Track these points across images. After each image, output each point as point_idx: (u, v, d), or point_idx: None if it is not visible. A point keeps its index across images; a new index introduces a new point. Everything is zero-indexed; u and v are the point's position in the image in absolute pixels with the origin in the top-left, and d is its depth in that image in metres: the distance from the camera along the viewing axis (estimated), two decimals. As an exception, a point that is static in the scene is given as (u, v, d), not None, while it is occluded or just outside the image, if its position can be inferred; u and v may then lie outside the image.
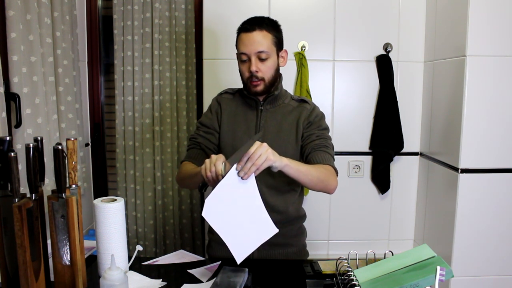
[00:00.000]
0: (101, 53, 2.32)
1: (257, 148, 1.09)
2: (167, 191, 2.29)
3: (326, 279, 1.18)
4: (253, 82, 1.40)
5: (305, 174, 1.24)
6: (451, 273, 0.93)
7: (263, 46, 1.36)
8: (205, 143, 1.49)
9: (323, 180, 1.31)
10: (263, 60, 1.37)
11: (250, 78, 1.40)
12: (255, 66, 1.37)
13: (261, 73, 1.39)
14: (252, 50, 1.36)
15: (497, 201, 1.82)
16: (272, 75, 1.41)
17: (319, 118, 1.47)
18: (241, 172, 1.10)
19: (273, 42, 1.39)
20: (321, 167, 1.34)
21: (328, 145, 1.43)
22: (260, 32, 1.36)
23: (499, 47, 1.75)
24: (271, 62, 1.40)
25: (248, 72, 1.39)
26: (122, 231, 1.19)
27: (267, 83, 1.41)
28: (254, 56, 1.37)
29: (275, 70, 1.42)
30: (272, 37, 1.39)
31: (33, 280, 0.99)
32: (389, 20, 2.14)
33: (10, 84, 1.49)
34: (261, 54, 1.36)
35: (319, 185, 1.31)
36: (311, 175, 1.27)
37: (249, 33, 1.37)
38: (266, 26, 1.38)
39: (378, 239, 2.28)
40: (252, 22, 1.38)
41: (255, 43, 1.36)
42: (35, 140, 1.07)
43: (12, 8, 1.45)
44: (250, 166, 1.09)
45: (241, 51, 1.39)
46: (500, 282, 1.88)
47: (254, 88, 1.41)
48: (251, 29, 1.36)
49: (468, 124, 1.78)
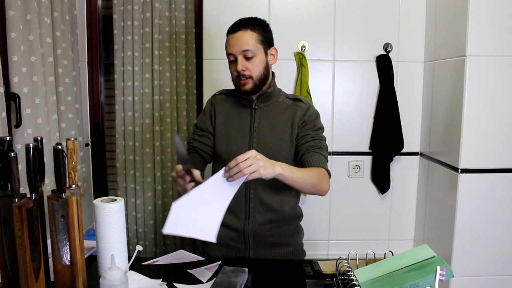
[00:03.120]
0: (101, 53, 2.32)
1: (249, 157, 1.12)
2: (167, 191, 2.29)
3: (326, 279, 1.18)
4: (241, 80, 1.41)
5: (298, 181, 1.27)
6: (451, 273, 0.93)
7: (248, 45, 1.38)
8: (201, 147, 1.50)
9: (315, 185, 1.33)
10: (249, 58, 1.39)
11: (238, 77, 1.41)
12: (241, 65, 1.39)
13: (248, 71, 1.40)
14: (237, 50, 1.39)
15: (497, 201, 1.82)
16: (261, 73, 1.42)
17: (313, 117, 1.47)
18: (226, 174, 1.13)
19: (258, 41, 1.41)
20: (314, 170, 1.35)
21: (322, 146, 1.44)
22: (244, 32, 1.39)
23: (499, 47, 1.75)
24: (258, 60, 1.41)
25: (236, 71, 1.41)
26: (122, 231, 1.19)
27: (255, 80, 1.42)
28: (240, 55, 1.39)
29: (263, 68, 1.43)
30: (258, 35, 1.41)
31: (33, 280, 0.99)
32: (389, 20, 2.14)
33: (10, 84, 1.49)
34: (246, 53, 1.39)
35: (312, 189, 1.34)
36: (305, 181, 1.29)
37: (234, 34, 1.40)
38: (252, 25, 1.41)
39: (378, 239, 2.28)
40: (237, 24, 1.42)
41: (239, 43, 1.38)
42: (35, 140, 1.07)
43: (12, 8, 1.45)
44: (237, 172, 1.11)
45: (228, 52, 1.42)
46: (500, 282, 1.88)
47: (243, 87, 1.42)
48: (236, 30, 1.40)
49: (468, 124, 1.78)
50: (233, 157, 1.42)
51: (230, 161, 1.13)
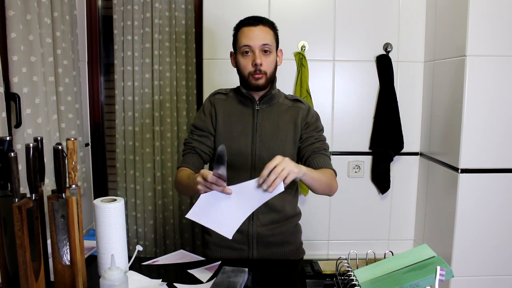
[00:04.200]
0: (101, 53, 2.32)
1: (278, 163, 1.12)
2: (167, 191, 2.29)
3: (326, 279, 1.18)
4: (255, 75, 1.40)
5: (317, 181, 1.29)
6: (451, 273, 0.93)
7: (267, 40, 1.39)
8: (200, 147, 1.47)
9: (329, 185, 1.36)
10: (266, 53, 1.40)
11: (253, 71, 1.40)
12: (259, 58, 1.38)
13: (264, 67, 1.40)
14: (257, 43, 1.38)
15: (497, 201, 1.82)
16: (272, 71, 1.44)
17: (315, 119, 1.49)
18: (265, 185, 1.12)
19: (274, 39, 1.43)
20: (326, 171, 1.38)
21: (326, 147, 1.47)
22: (264, 27, 1.40)
23: (499, 47, 1.75)
24: (273, 57, 1.43)
25: (252, 65, 1.40)
26: (122, 231, 1.19)
27: (268, 77, 1.42)
28: (259, 49, 1.39)
29: (274, 67, 1.44)
30: (274, 34, 1.43)
31: (33, 280, 0.99)
32: (389, 20, 2.14)
33: (10, 84, 1.49)
34: (265, 47, 1.39)
35: (326, 189, 1.37)
36: (322, 181, 1.32)
37: (253, 27, 1.40)
38: (268, 23, 1.43)
39: (378, 239, 2.28)
40: (255, 18, 1.42)
41: (260, 37, 1.39)
42: (35, 140, 1.07)
43: (12, 8, 1.45)
44: (275, 179, 1.11)
45: (244, 43, 1.40)
46: (500, 282, 1.88)
47: (256, 81, 1.41)
48: (255, 24, 1.40)
49: (468, 124, 1.78)
50: (235, 158, 1.43)
51: (262, 171, 1.12)
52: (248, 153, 1.44)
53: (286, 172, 1.12)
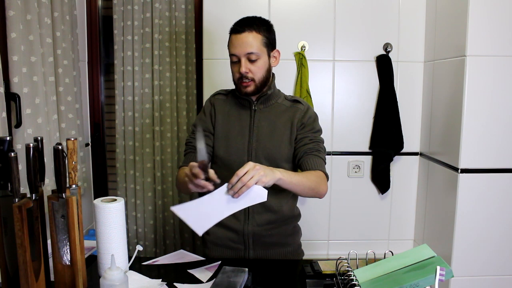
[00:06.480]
0: (101, 53, 2.32)
1: (248, 170, 1.12)
2: (167, 191, 2.29)
3: (326, 279, 1.18)
4: (243, 83, 1.40)
5: (297, 185, 1.27)
6: (451, 273, 0.93)
7: (252, 48, 1.36)
8: None
9: (313, 188, 1.33)
10: (253, 61, 1.38)
11: (240, 79, 1.40)
12: (244, 67, 1.37)
13: (251, 74, 1.39)
14: (241, 52, 1.37)
15: (497, 201, 1.82)
16: (263, 76, 1.42)
17: (312, 120, 1.47)
18: (231, 191, 1.13)
19: (263, 43, 1.39)
20: (312, 174, 1.35)
21: (320, 149, 1.44)
22: (249, 34, 1.36)
23: (499, 47, 1.75)
24: (261, 62, 1.40)
25: (238, 73, 1.40)
26: (122, 231, 1.19)
27: (257, 83, 1.41)
28: (244, 58, 1.37)
29: (266, 70, 1.42)
30: (262, 38, 1.39)
31: (33, 280, 0.99)
32: (389, 20, 2.14)
33: (10, 84, 1.49)
34: (250, 56, 1.37)
35: (310, 193, 1.34)
36: (303, 185, 1.29)
37: (238, 34, 1.37)
38: (256, 27, 1.38)
39: (378, 239, 2.28)
40: (242, 23, 1.38)
41: (244, 45, 1.36)
42: (35, 140, 1.07)
43: (12, 8, 1.45)
44: (241, 187, 1.11)
45: (231, 52, 1.40)
46: (500, 282, 1.88)
47: (245, 89, 1.42)
48: (240, 31, 1.37)
49: (468, 124, 1.78)
50: (232, 158, 1.43)
51: (231, 178, 1.12)
52: (245, 153, 1.44)
53: (253, 181, 1.11)
